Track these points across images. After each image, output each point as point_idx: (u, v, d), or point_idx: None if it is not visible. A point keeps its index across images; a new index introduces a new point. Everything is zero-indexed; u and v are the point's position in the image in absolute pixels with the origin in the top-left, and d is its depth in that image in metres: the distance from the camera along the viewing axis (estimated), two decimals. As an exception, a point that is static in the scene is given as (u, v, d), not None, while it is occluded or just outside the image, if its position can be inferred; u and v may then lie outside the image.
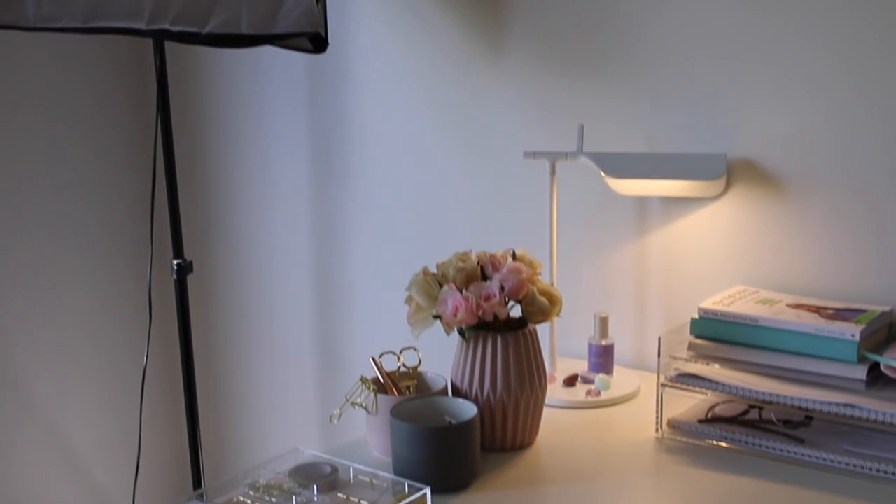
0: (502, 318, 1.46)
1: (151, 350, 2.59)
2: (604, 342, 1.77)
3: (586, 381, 1.76)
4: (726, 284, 1.73)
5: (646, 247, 1.84)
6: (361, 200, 2.27)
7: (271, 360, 2.58)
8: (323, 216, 2.36)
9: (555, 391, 1.73)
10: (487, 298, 1.44)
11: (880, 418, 1.37)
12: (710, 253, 1.77)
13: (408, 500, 1.29)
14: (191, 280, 2.43)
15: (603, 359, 1.77)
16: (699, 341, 1.57)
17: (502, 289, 1.45)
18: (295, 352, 2.52)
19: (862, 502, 1.33)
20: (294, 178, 2.40)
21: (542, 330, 1.73)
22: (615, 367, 1.82)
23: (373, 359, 1.55)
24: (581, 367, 1.83)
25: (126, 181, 2.68)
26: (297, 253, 2.44)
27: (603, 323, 1.77)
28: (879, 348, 1.48)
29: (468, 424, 1.37)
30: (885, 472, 1.38)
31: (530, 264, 1.51)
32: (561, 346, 1.91)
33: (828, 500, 1.33)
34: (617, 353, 1.85)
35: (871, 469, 1.39)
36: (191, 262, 2.36)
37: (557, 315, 1.52)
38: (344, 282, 2.36)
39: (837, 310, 1.54)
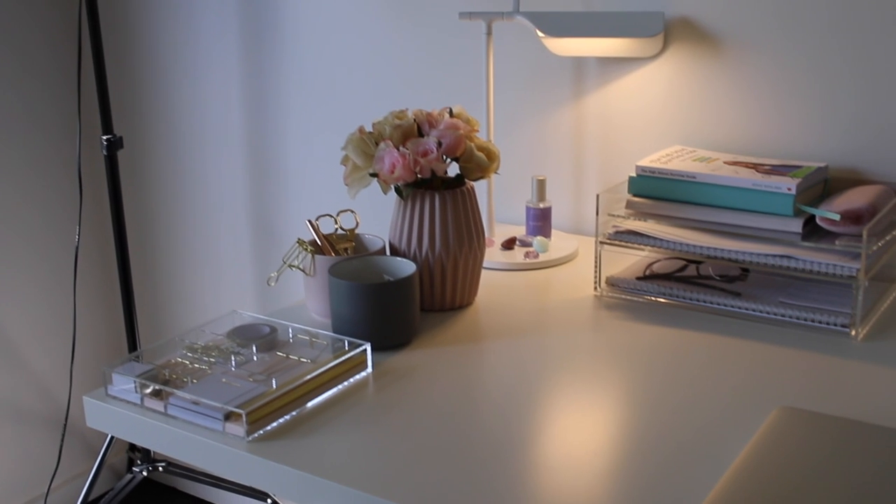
0: (440, 174, 1.44)
1: (83, 230, 2.55)
2: (541, 205, 1.76)
3: (524, 244, 1.76)
4: (664, 145, 1.73)
5: (583, 109, 1.82)
6: (294, 69, 2.23)
7: (207, 231, 2.54)
8: (255, 86, 2.31)
9: (493, 254, 1.72)
10: (425, 154, 1.42)
11: (815, 268, 1.39)
12: (647, 114, 1.76)
13: (347, 355, 1.28)
14: (121, 156, 2.39)
15: (541, 222, 1.77)
16: (637, 199, 1.56)
17: (440, 145, 1.43)
18: (230, 222, 2.49)
19: (795, 350, 1.34)
20: (225, 49, 2.35)
21: (480, 195, 1.72)
22: (554, 231, 1.82)
23: (309, 221, 1.53)
24: (520, 231, 1.82)
25: (49, 58, 2.60)
26: (230, 124, 2.39)
27: (540, 185, 1.76)
28: (815, 203, 1.49)
29: (406, 281, 1.36)
30: (819, 322, 1.40)
31: (468, 121, 1.49)
32: (500, 212, 1.91)
33: (763, 350, 1.35)
34: (556, 218, 1.85)
35: (805, 319, 1.41)
36: (121, 138, 2.31)
37: (495, 172, 1.50)
38: (279, 151, 2.32)
39: (774, 166, 1.55)
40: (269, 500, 2.54)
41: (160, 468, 2.61)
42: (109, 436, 2.50)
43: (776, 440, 1.07)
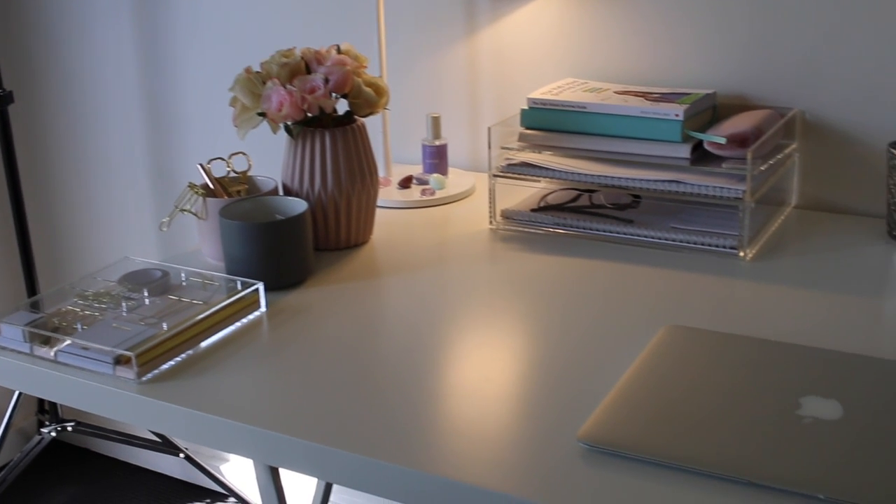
0: (328, 110, 1.43)
1: (-25, 186, 2.49)
2: (437, 142, 1.76)
3: (421, 182, 1.76)
4: (558, 77, 1.73)
5: (476, 44, 1.82)
6: (186, 13, 2.19)
7: (104, 181, 2.50)
8: (148, 32, 2.27)
9: (390, 193, 1.72)
10: (312, 91, 1.41)
11: (702, 192, 1.40)
12: (540, 47, 1.76)
13: (239, 295, 1.27)
14: (13, 110, 2.34)
15: (437, 159, 1.77)
16: (529, 131, 1.57)
17: (327, 81, 1.42)
18: (128, 171, 2.44)
19: (686, 273, 1.36)
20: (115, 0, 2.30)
21: (375, 134, 1.71)
22: (451, 169, 1.81)
23: (200, 165, 1.51)
24: (417, 170, 1.82)
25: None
26: (122, 71, 2.34)
27: (435, 123, 1.76)
28: (704, 128, 1.50)
29: (297, 219, 1.35)
30: (709, 245, 1.42)
31: (356, 58, 1.48)
32: (397, 151, 1.90)
33: (655, 274, 1.37)
34: (453, 156, 1.85)
35: (695, 243, 1.43)
36: (10, 93, 2.26)
37: (385, 107, 1.50)
38: (174, 96, 2.29)
39: (663, 94, 1.56)
40: (181, 455, 2.52)
41: (69, 428, 2.58)
42: (15, 396, 2.45)
43: (662, 356, 1.09)
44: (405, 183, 1.75)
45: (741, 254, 1.40)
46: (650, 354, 1.10)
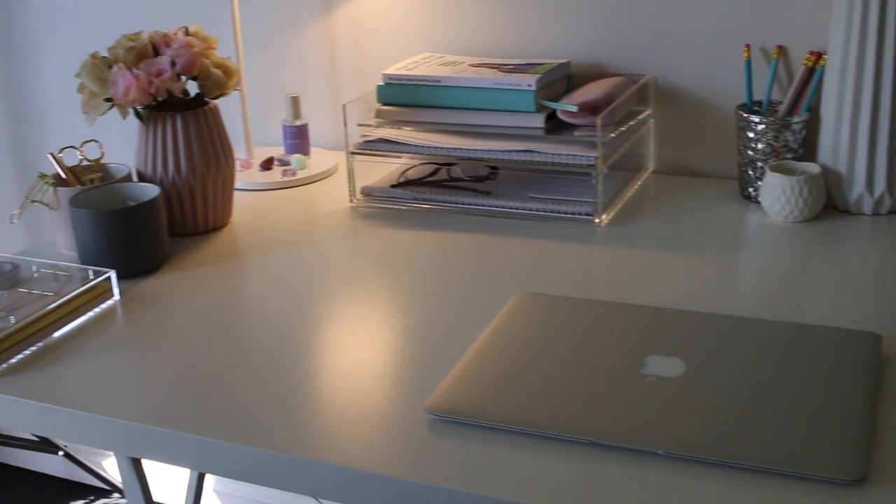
0: (176, 93, 1.41)
1: None
2: (297, 122, 1.75)
3: (283, 163, 1.74)
4: (416, 53, 1.73)
5: (334, 22, 1.81)
6: (40, 3, 2.13)
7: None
8: (1, 24, 2.21)
9: (252, 176, 1.70)
10: (158, 74, 1.38)
11: (556, 160, 1.42)
12: (397, 23, 1.75)
13: (89, 284, 1.25)
14: None
15: (298, 140, 1.75)
16: (386, 108, 1.56)
17: (174, 64, 1.40)
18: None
19: (544, 241, 1.38)
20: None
21: (235, 116, 1.69)
22: (313, 148, 1.80)
23: (51, 154, 1.48)
24: (279, 151, 1.80)
25: None
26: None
27: (294, 103, 1.74)
28: (559, 98, 1.51)
29: (148, 205, 1.33)
30: (565, 213, 1.43)
31: (204, 39, 1.46)
32: (259, 133, 1.88)
33: (513, 243, 1.37)
34: (316, 135, 1.84)
35: (552, 211, 1.44)
36: None
37: (235, 88, 1.48)
38: (31, 88, 2.23)
39: (517, 65, 1.57)
40: (60, 453, 2.47)
41: (-59, 431, 2.52)
42: None
43: (512, 323, 1.10)
44: (266, 164, 1.73)
45: (596, 220, 1.42)
46: (500, 323, 1.11)
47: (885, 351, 1.05)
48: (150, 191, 1.38)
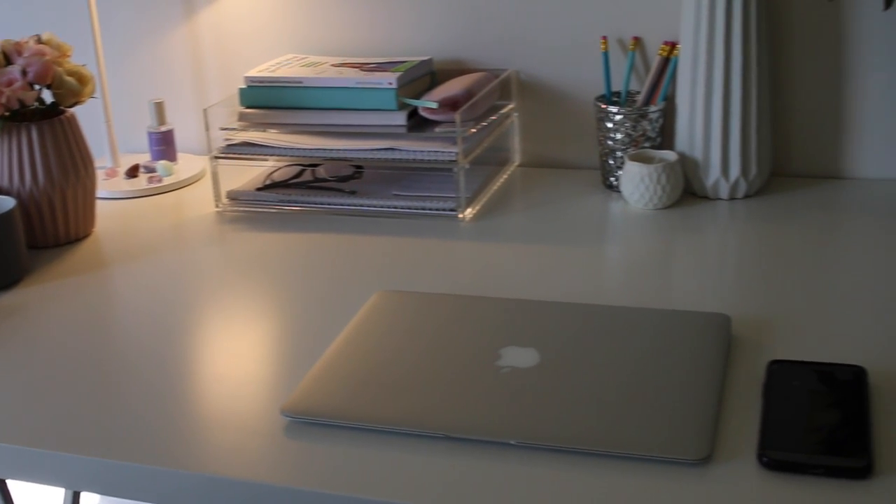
0: (29, 103, 1.38)
1: None
2: (162, 128, 1.73)
3: (149, 170, 1.72)
4: (280, 55, 1.72)
5: (196, 26, 1.79)
6: None
7: None
8: None
9: (117, 184, 1.68)
10: (9, 84, 1.36)
11: (419, 157, 1.42)
12: (260, 25, 1.74)
13: (-57, 301, 1.22)
14: None
15: (164, 146, 1.73)
16: (249, 110, 1.56)
17: (25, 73, 1.37)
18: None
19: (409, 238, 1.39)
20: None
21: (98, 124, 1.67)
22: (180, 154, 1.78)
23: None
24: (145, 159, 1.78)
25: None
26: None
27: (158, 108, 1.72)
28: (423, 95, 1.52)
29: (3, 218, 1.30)
30: (430, 209, 1.44)
31: (58, 47, 1.43)
32: (126, 141, 1.85)
33: (378, 241, 1.38)
34: (183, 141, 1.82)
35: (417, 208, 1.45)
36: None
37: (91, 96, 1.45)
38: None
39: (379, 63, 1.57)
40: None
41: None
42: None
43: (371, 322, 1.10)
44: (132, 172, 1.71)
45: (460, 215, 1.42)
46: (358, 322, 1.11)
47: (734, 331, 1.07)
48: (5, 203, 1.35)
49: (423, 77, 1.57)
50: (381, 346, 1.05)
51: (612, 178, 1.50)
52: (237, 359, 1.10)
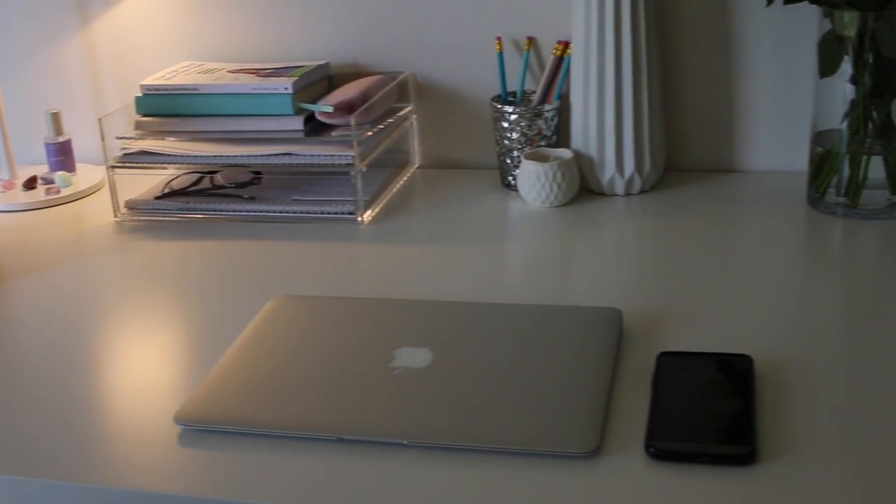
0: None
1: None
2: (59, 139, 1.71)
3: (47, 181, 1.70)
4: (178, 61, 1.70)
5: (92, 35, 1.77)
6: None
7: None
8: None
9: (15, 196, 1.66)
10: None
11: (315, 161, 1.43)
12: (157, 33, 1.73)
13: None
14: None
15: (62, 157, 1.71)
16: (146, 119, 1.54)
17: (-90, 86, 1.35)
18: None
19: (308, 243, 1.39)
20: None
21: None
22: (79, 165, 1.76)
23: None
24: (43, 170, 1.76)
25: None
26: None
27: (55, 119, 1.70)
28: (320, 99, 1.52)
29: None
30: (328, 213, 1.45)
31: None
32: (24, 153, 1.83)
33: (277, 247, 1.38)
34: (83, 151, 1.79)
35: (316, 213, 1.45)
36: None
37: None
38: None
39: (276, 69, 1.57)
40: None
41: None
42: None
43: (267, 327, 1.10)
44: (30, 184, 1.69)
45: (359, 218, 1.43)
46: (254, 328, 1.11)
47: (627, 325, 1.09)
48: None
49: (320, 81, 1.58)
50: (276, 351, 1.05)
51: (509, 178, 1.52)
52: (133, 369, 1.09)
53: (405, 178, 1.61)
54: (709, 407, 0.92)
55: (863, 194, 1.36)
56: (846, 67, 1.34)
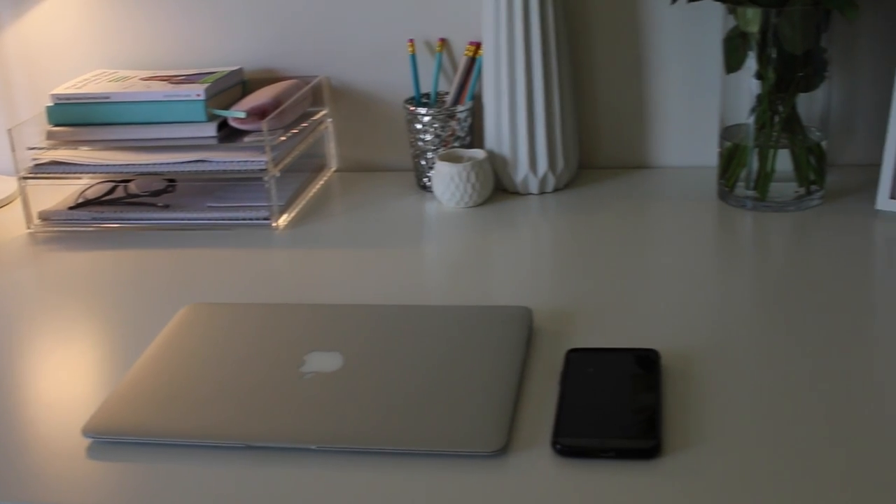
0: None
1: None
2: (-30, 151, 1.68)
3: (-42, 193, 1.67)
4: (90, 70, 1.69)
5: (2, 44, 1.74)
6: None
7: None
8: None
9: (-74, 210, 1.63)
10: None
11: (228, 167, 1.42)
12: (68, 42, 1.71)
13: None
14: None
15: (-27, 168, 1.69)
16: (58, 129, 1.53)
17: None
18: None
19: (223, 249, 1.39)
20: None
21: None
22: (-6, 176, 1.74)
23: None
24: (-45, 182, 1.73)
25: None
26: None
27: (-35, 130, 1.68)
28: (233, 105, 1.51)
29: None
30: (243, 219, 1.44)
31: None
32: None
33: (192, 255, 1.37)
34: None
35: (231, 219, 1.45)
36: None
37: None
38: None
39: (188, 75, 1.56)
40: None
41: None
42: None
43: (179, 336, 1.10)
44: (-59, 197, 1.66)
45: (274, 224, 1.43)
46: (165, 337, 1.10)
47: (539, 323, 1.10)
48: None
49: (234, 87, 1.57)
50: (187, 360, 1.05)
51: (425, 179, 1.52)
52: (43, 381, 1.09)
53: (322, 182, 1.61)
54: (615, 402, 0.93)
55: (771, 187, 1.39)
56: (751, 63, 1.36)
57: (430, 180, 1.51)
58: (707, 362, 1.01)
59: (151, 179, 1.51)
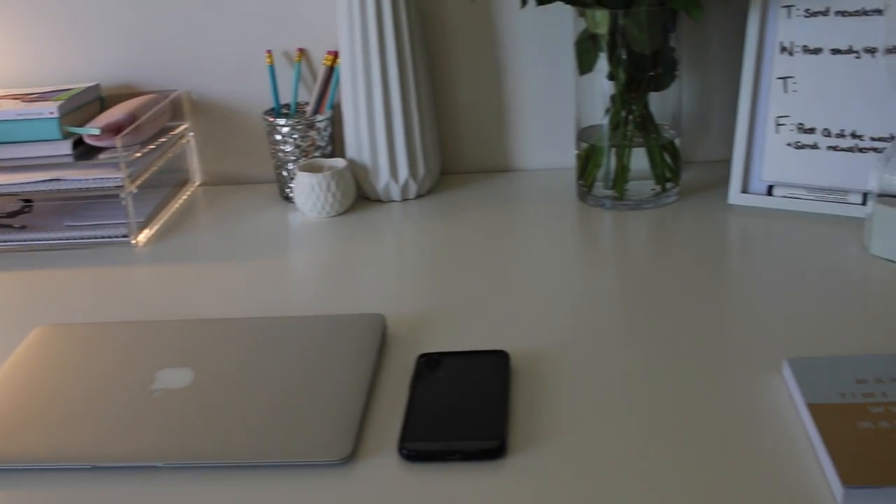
0: None
1: None
2: None
3: None
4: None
5: None
6: None
7: None
8: None
9: None
10: None
11: (84, 185, 1.40)
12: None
13: None
14: None
15: None
16: None
17: None
18: None
19: (81, 269, 1.36)
20: None
21: None
22: None
23: None
24: None
25: None
26: None
27: None
28: (89, 122, 1.49)
29: None
30: (102, 238, 1.42)
31: None
32: None
33: (51, 275, 1.35)
34: None
35: (88, 237, 1.43)
36: None
37: None
38: None
39: (42, 93, 1.54)
40: None
41: None
42: None
43: (27, 359, 1.08)
44: None
45: (133, 241, 1.41)
46: (15, 360, 1.08)
47: (394, 330, 1.11)
48: None
49: (91, 104, 1.55)
50: (34, 383, 1.03)
51: (287, 190, 1.52)
52: None
53: (185, 197, 1.59)
54: (463, 404, 0.94)
55: (628, 186, 1.41)
56: (602, 64, 1.38)
57: (292, 191, 1.51)
58: (561, 361, 1.03)
59: (7, 200, 1.48)
